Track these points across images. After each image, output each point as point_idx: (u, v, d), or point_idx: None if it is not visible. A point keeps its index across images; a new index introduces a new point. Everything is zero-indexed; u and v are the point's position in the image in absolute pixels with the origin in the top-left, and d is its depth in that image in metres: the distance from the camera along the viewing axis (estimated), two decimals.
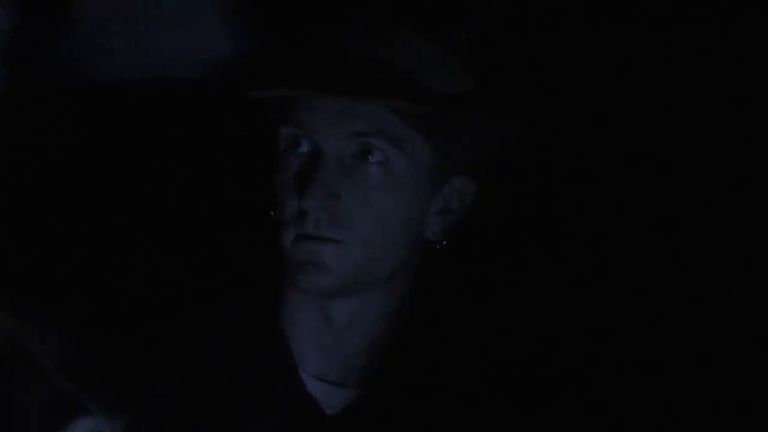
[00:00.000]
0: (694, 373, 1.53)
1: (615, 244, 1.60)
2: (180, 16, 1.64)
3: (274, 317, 1.37)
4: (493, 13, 1.43)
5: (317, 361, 1.35)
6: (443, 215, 1.36)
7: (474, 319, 1.52)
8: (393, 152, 1.29)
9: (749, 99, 1.55)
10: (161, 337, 1.36)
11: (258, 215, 1.37)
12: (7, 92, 1.58)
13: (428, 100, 1.29)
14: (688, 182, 1.57)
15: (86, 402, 1.09)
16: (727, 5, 1.55)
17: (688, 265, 1.56)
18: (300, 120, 1.30)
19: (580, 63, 1.60)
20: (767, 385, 1.49)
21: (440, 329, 1.42)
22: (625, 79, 1.59)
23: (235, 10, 1.62)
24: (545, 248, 1.62)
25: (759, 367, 1.50)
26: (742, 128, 1.55)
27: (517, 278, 1.61)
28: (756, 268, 1.54)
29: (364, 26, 1.32)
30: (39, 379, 1.11)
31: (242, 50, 1.62)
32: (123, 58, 1.63)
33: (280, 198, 1.32)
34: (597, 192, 1.61)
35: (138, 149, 1.65)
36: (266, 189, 1.35)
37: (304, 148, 1.31)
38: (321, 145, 1.29)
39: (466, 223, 1.37)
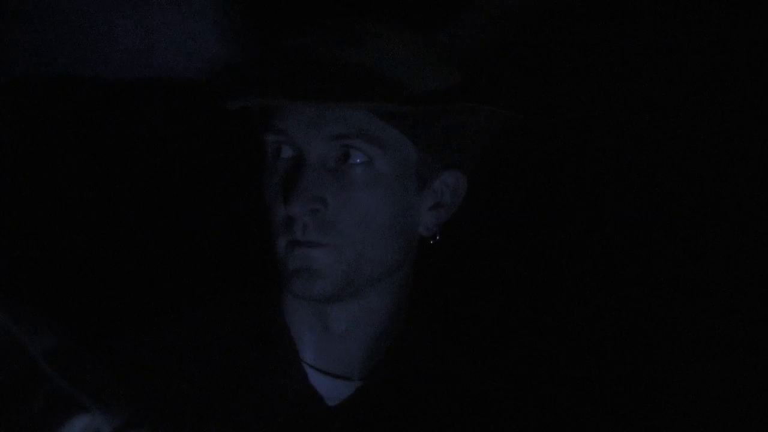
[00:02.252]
0: (694, 374, 1.53)
1: (611, 237, 1.60)
2: (176, 17, 1.63)
3: (276, 310, 1.36)
4: (477, 9, 1.43)
5: (318, 356, 1.35)
6: (435, 210, 1.35)
7: (472, 311, 1.52)
8: (375, 152, 1.29)
9: (745, 95, 1.54)
10: (158, 331, 1.37)
11: (257, 215, 1.37)
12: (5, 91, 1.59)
13: (404, 98, 1.29)
14: (685, 177, 1.57)
15: (83, 399, 1.09)
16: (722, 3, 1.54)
17: (686, 262, 1.56)
18: (280, 126, 1.30)
19: (568, 57, 1.60)
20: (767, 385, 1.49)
21: (439, 321, 1.42)
22: (616, 74, 1.59)
23: (228, 12, 1.62)
24: (541, 242, 1.62)
25: (759, 367, 1.50)
26: (738, 122, 1.55)
27: (513, 271, 1.61)
28: (756, 264, 1.53)
29: (336, 27, 1.31)
30: (35, 377, 1.10)
31: (235, 53, 1.62)
32: (119, 57, 1.63)
33: (269, 205, 1.32)
34: (591, 185, 1.61)
35: (137, 149, 1.65)
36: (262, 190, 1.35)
37: (287, 153, 1.31)
38: (303, 149, 1.29)
39: (460, 218, 1.37)
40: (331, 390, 1.34)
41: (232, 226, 1.61)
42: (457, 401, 1.37)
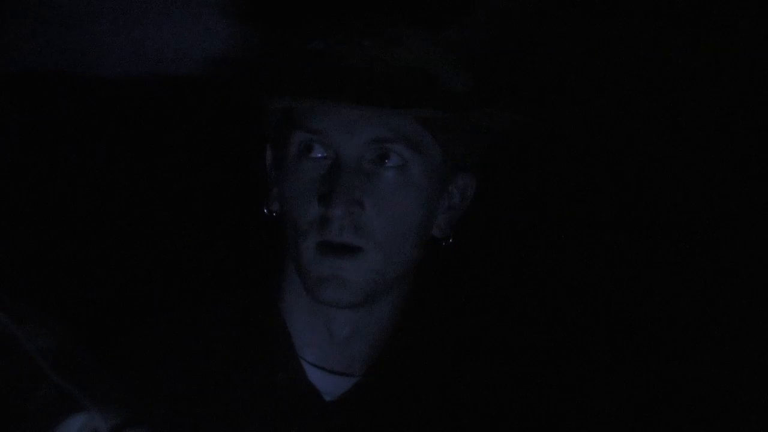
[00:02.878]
0: (696, 377, 1.53)
1: (614, 240, 1.59)
2: (178, 11, 1.63)
3: (274, 307, 1.36)
4: (493, 11, 1.43)
5: (318, 355, 1.35)
6: (448, 212, 1.36)
7: (471, 309, 1.52)
8: (411, 156, 1.29)
9: (747, 96, 1.54)
10: (156, 329, 1.37)
11: (254, 210, 1.36)
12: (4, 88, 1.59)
13: (448, 104, 1.28)
14: (690, 179, 1.56)
15: (81, 398, 1.09)
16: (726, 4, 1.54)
17: (689, 264, 1.56)
18: (315, 125, 1.29)
19: (579, 59, 1.59)
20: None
21: (439, 319, 1.42)
22: (624, 76, 1.59)
23: (235, 6, 1.62)
24: (541, 243, 1.62)
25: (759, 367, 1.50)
26: (740, 124, 1.55)
27: (513, 270, 1.61)
28: (755, 264, 1.53)
29: (365, 29, 1.30)
30: (33, 375, 1.10)
31: (240, 47, 1.62)
32: (118, 54, 1.63)
33: (295, 204, 1.30)
34: (599, 188, 1.60)
35: (136, 147, 1.65)
36: (261, 184, 1.34)
37: (318, 153, 1.30)
38: (339, 150, 1.28)
39: (468, 219, 1.37)
40: (330, 386, 1.34)
41: (231, 224, 1.61)
42: (455, 398, 1.37)
